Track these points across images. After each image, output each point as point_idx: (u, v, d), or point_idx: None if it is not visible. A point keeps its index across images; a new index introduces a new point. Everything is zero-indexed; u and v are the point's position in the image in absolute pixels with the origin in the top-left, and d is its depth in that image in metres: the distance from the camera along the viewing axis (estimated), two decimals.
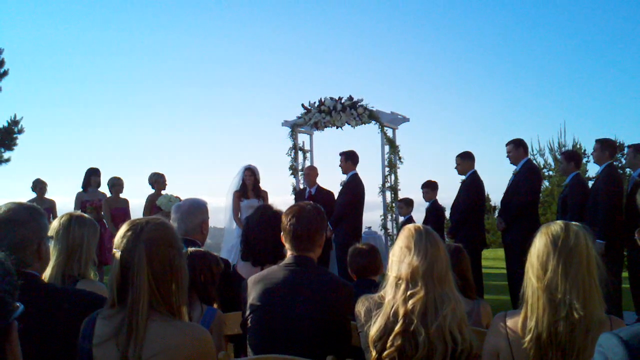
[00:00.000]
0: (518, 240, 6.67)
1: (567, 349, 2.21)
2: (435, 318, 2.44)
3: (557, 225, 2.36)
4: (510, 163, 7.41)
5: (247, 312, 2.93)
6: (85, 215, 3.21)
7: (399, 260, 2.58)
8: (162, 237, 2.12)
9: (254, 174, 8.68)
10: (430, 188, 8.89)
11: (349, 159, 8.67)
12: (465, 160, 7.88)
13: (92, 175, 9.39)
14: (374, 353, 2.51)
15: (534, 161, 19.88)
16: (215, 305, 3.28)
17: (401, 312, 2.47)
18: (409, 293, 2.49)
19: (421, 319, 2.45)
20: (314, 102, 9.89)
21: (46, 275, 2.83)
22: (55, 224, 2.99)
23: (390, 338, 2.46)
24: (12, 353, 1.19)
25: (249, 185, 8.61)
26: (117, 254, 2.07)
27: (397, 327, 2.46)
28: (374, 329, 2.51)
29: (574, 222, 2.39)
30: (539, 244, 2.36)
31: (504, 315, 2.44)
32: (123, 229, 2.13)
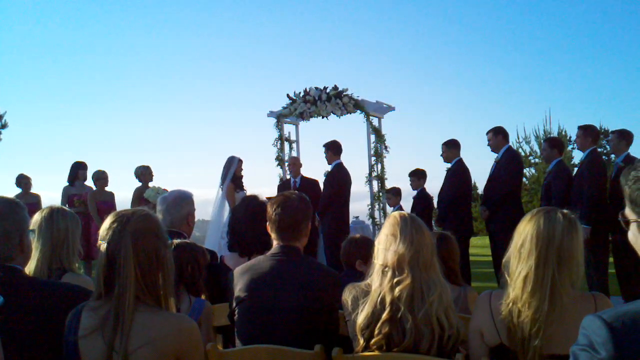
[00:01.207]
0: (502, 227, 6.74)
1: (531, 335, 2.25)
2: (422, 304, 2.46)
3: (537, 214, 2.40)
4: (492, 151, 7.48)
5: (234, 303, 2.93)
6: (67, 208, 3.19)
7: (385, 248, 2.59)
8: (148, 228, 2.11)
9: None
10: (417, 177, 8.90)
11: (330, 149, 8.72)
12: (450, 149, 7.91)
13: (79, 169, 9.33)
14: (361, 341, 2.52)
15: (520, 149, 20.00)
16: (203, 297, 3.27)
17: (388, 299, 2.48)
18: (395, 280, 2.50)
19: (408, 305, 2.46)
20: (299, 92, 9.86)
21: (31, 268, 2.81)
22: (37, 217, 2.97)
23: (378, 326, 2.47)
24: None
25: (240, 176, 8.51)
26: (103, 245, 2.06)
27: (384, 315, 2.46)
28: (361, 317, 2.52)
29: (557, 210, 2.40)
30: (521, 231, 2.40)
31: (489, 294, 2.47)
32: (108, 220, 2.12)
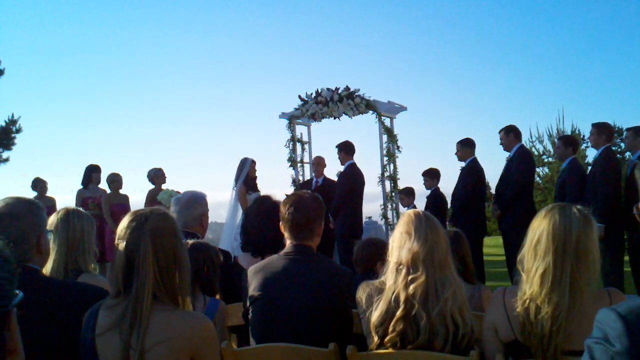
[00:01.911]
0: (514, 226, 6.72)
1: (552, 332, 2.24)
2: (437, 302, 2.46)
3: (556, 210, 2.38)
4: (504, 150, 7.46)
5: (248, 303, 2.94)
6: (82, 209, 3.23)
7: (399, 245, 2.59)
8: (166, 227, 2.13)
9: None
10: (429, 176, 8.86)
11: (342, 150, 8.69)
12: (464, 147, 7.89)
13: (92, 172, 9.38)
14: (376, 338, 2.52)
15: (533, 148, 19.86)
16: (217, 296, 3.29)
17: (402, 297, 2.48)
18: (409, 278, 2.50)
19: (422, 303, 2.46)
20: (311, 94, 9.86)
21: (48, 269, 2.84)
22: (52, 219, 3.00)
23: (392, 323, 2.47)
24: (12, 340, 1.19)
25: (254, 177, 8.49)
26: (122, 244, 2.07)
27: (399, 312, 2.47)
28: (375, 315, 2.52)
29: (571, 206, 2.39)
30: (535, 228, 2.39)
31: (503, 291, 2.47)
32: (126, 219, 2.13)
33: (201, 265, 3.18)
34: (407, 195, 9.30)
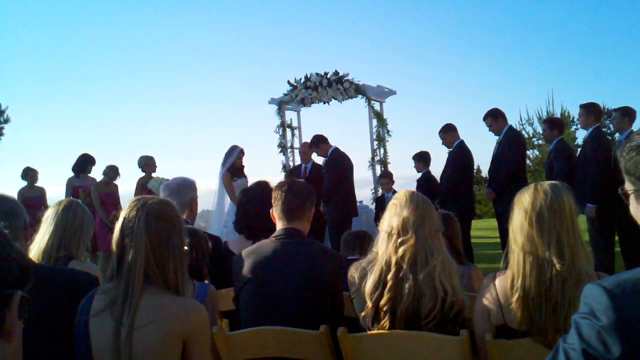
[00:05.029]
0: (508, 208, 6.69)
1: (558, 303, 2.25)
2: (425, 266, 2.48)
3: (527, 189, 2.44)
4: (495, 135, 7.48)
5: (239, 286, 2.95)
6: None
7: (390, 215, 2.62)
8: (163, 211, 2.15)
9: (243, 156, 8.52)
10: (420, 160, 8.80)
11: (318, 143, 8.46)
12: (447, 133, 7.87)
13: (89, 164, 9.20)
14: (369, 304, 2.53)
15: (523, 130, 19.93)
16: (206, 281, 3.29)
17: (393, 260, 2.51)
18: (399, 241, 2.51)
19: (411, 266, 2.48)
20: (300, 79, 9.85)
21: (41, 247, 2.89)
22: (53, 208, 3.07)
23: (387, 288, 2.49)
24: (11, 320, 1.21)
25: (240, 167, 8.41)
26: (118, 224, 2.11)
27: (390, 275, 2.49)
28: (369, 283, 2.54)
29: (547, 182, 2.45)
30: (514, 210, 2.46)
31: (493, 276, 2.49)
32: (129, 204, 2.17)
33: (189, 250, 3.17)
34: (391, 178, 9.21)
